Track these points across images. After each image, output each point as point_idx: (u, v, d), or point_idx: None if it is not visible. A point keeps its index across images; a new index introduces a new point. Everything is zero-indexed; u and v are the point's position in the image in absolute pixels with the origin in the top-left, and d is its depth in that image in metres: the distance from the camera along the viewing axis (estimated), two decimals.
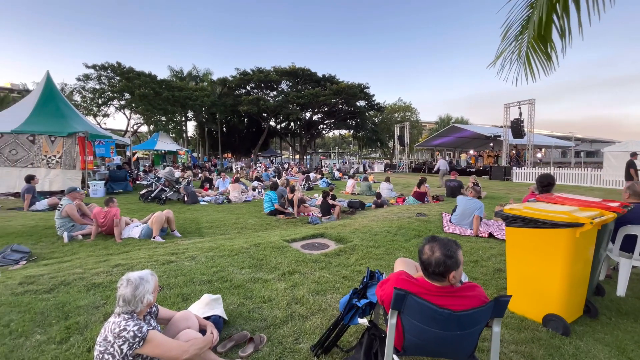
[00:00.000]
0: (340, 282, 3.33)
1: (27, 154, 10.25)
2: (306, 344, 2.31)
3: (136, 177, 14.92)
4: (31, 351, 2.17)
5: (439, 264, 1.54)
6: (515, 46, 2.90)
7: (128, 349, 1.61)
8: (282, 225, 7.08)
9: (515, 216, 2.71)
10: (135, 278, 1.74)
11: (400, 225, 5.73)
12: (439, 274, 1.56)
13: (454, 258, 1.55)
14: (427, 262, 1.57)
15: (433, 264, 1.56)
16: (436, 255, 1.55)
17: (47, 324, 2.49)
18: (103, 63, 27.15)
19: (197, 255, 4.08)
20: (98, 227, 5.36)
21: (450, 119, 53.74)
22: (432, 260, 1.56)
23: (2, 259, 4.27)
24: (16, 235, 5.59)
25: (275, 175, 17.81)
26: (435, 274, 1.56)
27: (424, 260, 1.60)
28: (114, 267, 3.60)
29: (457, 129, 28.61)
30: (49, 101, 11.59)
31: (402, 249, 4.45)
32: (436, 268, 1.55)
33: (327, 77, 34.65)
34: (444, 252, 1.55)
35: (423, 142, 34.53)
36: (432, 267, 1.57)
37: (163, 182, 9.91)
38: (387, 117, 43.37)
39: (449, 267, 1.54)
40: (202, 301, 2.56)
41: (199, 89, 31.89)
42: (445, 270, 1.54)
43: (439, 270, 1.54)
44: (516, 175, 18.08)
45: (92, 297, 2.90)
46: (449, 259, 1.55)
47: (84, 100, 28.47)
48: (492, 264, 3.98)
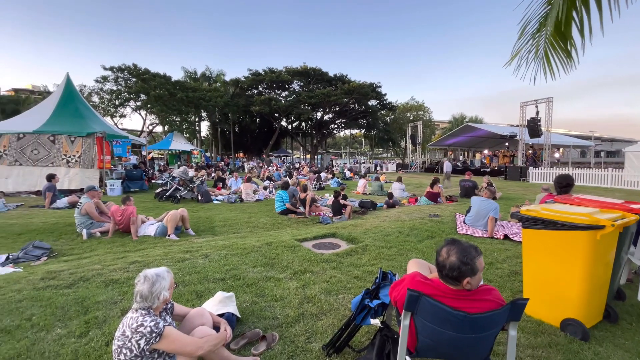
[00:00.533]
0: (351, 282, 3.33)
1: (48, 153, 10.62)
2: (318, 343, 2.32)
3: (152, 176, 15.27)
4: (52, 344, 2.24)
5: (453, 269, 1.51)
6: (532, 44, 2.82)
7: (145, 344, 1.65)
8: (294, 224, 7.11)
9: (532, 217, 2.64)
10: (152, 275, 1.78)
11: (412, 226, 5.67)
12: (453, 278, 1.53)
13: (469, 265, 1.51)
14: (442, 265, 1.55)
15: (447, 267, 1.53)
16: (451, 260, 1.53)
17: (67, 318, 2.58)
18: (120, 65, 27.94)
19: (210, 253, 4.14)
20: (115, 225, 5.52)
21: (464, 118, 52.81)
22: (447, 263, 1.53)
23: (25, 255, 4.44)
24: (38, 232, 5.81)
25: (287, 174, 17.91)
26: (449, 277, 1.54)
27: (439, 262, 1.58)
28: (130, 264, 3.70)
29: (471, 128, 28.09)
30: (69, 102, 11.98)
31: (415, 250, 4.40)
32: (450, 272, 1.52)
33: (338, 76, 34.60)
34: (460, 258, 1.52)
35: (436, 142, 34.07)
36: (446, 270, 1.54)
37: (177, 181, 10.10)
38: (399, 116, 42.95)
39: (463, 273, 1.51)
40: (216, 299, 2.60)
41: (212, 89, 32.39)
42: (459, 275, 1.51)
43: (453, 274, 1.52)
44: (533, 176, 17.62)
45: (110, 292, 2.98)
46: (464, 265, 1.51)
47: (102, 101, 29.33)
48: (507, 266, 3.89)
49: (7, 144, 10.41)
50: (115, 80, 28.78)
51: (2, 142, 10.40)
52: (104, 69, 27.91)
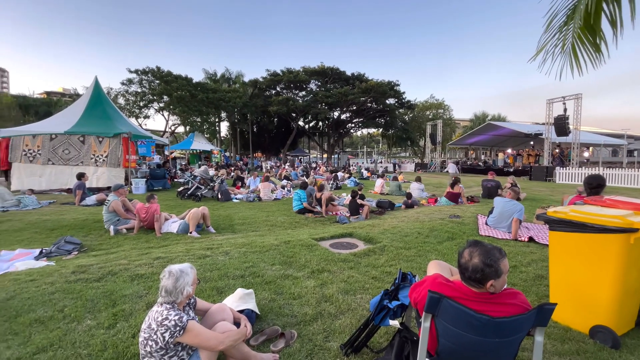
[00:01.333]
0: (369, 282, 3.31)
1: (78, 153, 11.16)
2: (336, 342, 2.32)
3: (174, 175, 15.74)
4: (82, 335, 2.36)
5: (476, 271, 1.48)
6: (559, 38, 2.71)
7: (169, 336, 1.71)
8: (311, 223, 7.14)
9: (560, 219, 2.54)
10: (177, 270, 1.84)
11: (432, 227, 5.57)
12: (476, 281, 1.50)
13: (493, 267, 1.46)
14: (464, 267, 1.51)
15: (470, 269, 1.50)
16: (474, 262, 1.49)
17: (97, 310, 2.71)
18: (144, 68, 28.90)
19: (230, 250, 4.23)
20: (140, 222, 5.73)
21: (486, 116, 51.27)
22: (470, 265, 1.50)
23: (57, 250, 4.69)
24: (69, 227, 6.12)
25: (304, 174, 18.00)
26: (471, 279, 1.50)
27: (461, 264, 1.55)
28: (155, 260, 3.83)
29: (493, 126, 27.20)
30: (97, 104, 12.55)
31: (434, 252, 4.32)
32: (472, 274, 1.49)
33: (356, 75, 34.40)
34: (483, 260, 1.48)
35: (456, 141, 33.23)
36: (469, 272, 1.51)
37: (199, 180, 10.37)
38: (418, 114, 42.21)
39: (487, 275, 1.47)
40: (236, 295, 2.66)
41: (231, 90, 32.99)
42: (483, 278, 1.47)
43: (476, 277, 1.48)
44: (560, 176, 16.86)
45: (136, 286, 3.11)
46: (487, 267, 1.46)
47: (127, 103, 30.48)
48: (532, 269, 3.75)
49: (40, 144, 11.02)
50: (140, 82, 29.84)
51: (36, 142, 11.02)
52: (129, 71, 29.01)
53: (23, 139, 10.98)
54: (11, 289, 3.09)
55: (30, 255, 4.51)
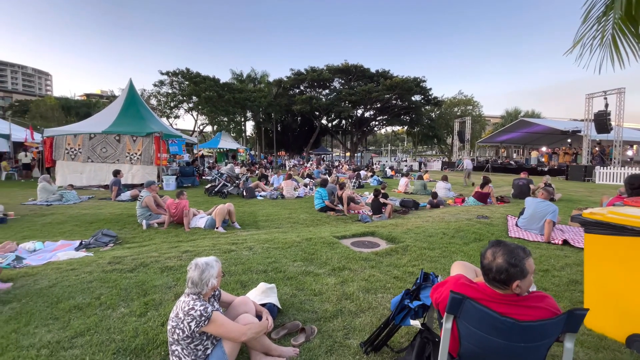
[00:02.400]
0: (391, 282, 3.27)
1: (114, 151, 11.85)
2: (356, 340, 2.33)
3: (202, 172, 16.32)
4: (117, 322, 2.52)
5: (500, 271, 1.42)
6: (597, 29, 2.54)
7: (195, 326, 1.79)
8: (332, 221, 7.15)
9: (597, 222, 2.38)
10: (202, 263, 1.92)
11: (458, 228, 5.40)
12: (500, 282, 1.44)
13: (518, 267, 1.41)
14: (488, 268, 1.46)
15: (493, 270, 1.45)
16: (498, 262, 1.44)
17: (130, 299, 2.87)
18: (175, 69, 30.12)
19: (254, 246, 4.33)
20: (170, 217, 6.00)
21: (518, 112, 48.94)
22: (493, 266, 1.45)
23: (95, 242, 5.01)
24: (106, 221, 6.52)
25: (326, 172, 18.02)
26: (495, 280, 1.45)
27: (484, 265, 1.50)
28: (183, 253, 4.01)
29: (526, 123, 25.87)
30: (132, 105, 13.24)
31: (460, 253, 4.19)
32: (497, 275, 1.44)
33: (380, 72, 33.96)
34: (508, 260, 1.42)
35: (486, 138, 31.96)
36: (493, 273, 1.45)
37: (225, 178, 10.69)
38: (446, 111, 40.98)
39: (512, 276, 1.41)
40: (259, 289, 2.72)
41: (257, 90, 33.67)
42: (508, 278, 1.42)
43: (500, 277, 1.43)
44: (600, 176, 15.75)
45: (166, 278, 3.27)
46: (512, 267, 1.41)
47: (159, 104, 31.91)
48: (566, 274, 3.55)
49: (81, 143, 11.81)
50: (171, 83, 31.17)
51: (77, 141, 11.83)
52: (161, 73, 30.40)
53: (65, 138, 11.82)
54: (53, 277, 3.35)
55: (71, 247, 4.86)
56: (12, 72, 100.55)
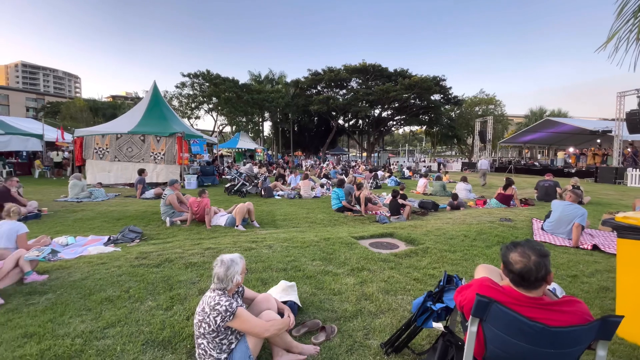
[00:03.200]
0: (411, 284, 3.24)
1: (139, 151, 12.30)
2: (376, 340, 2.32)
3: (222, 172, 16.68)
4: (145, 314, 2.63)
5: (540, 268, 1.40)
6: (633, 24, 2.42)
7: (221, 320, 1.84)
8: (350, 222, 7.14)
9: (631, 226, 2.28)
10: (228, 260, 1.98)
11: (480, 230, 5.27)
12: (529, 282, 1.42)
13: (548, 256, 1.44)
14: (527, 270, 1.41)
15: (534, 269, 1.40)
16: (534, 260, 1.41)
17: (156, 293, 2.99)
18: (196, 71, 30.91)
19: (273, 244, 4.40)
20: (192, 215, 6.18)
21: (543, 111, 47.10)
22: (532, 265, 1.40)
23: (122, 237, 5.23)
24: (132, 218, 6.78)
25: (343, 172, 17.98)
26: (524, 281, 1.42)
27: (509, 267, 1.45)
28: (206, 250, 4.12)
29: (552, 123, 24.84)
30: (156, 107, 13.70)
31: (482, 256, 4.10)
32: (538, 274, 1.40)
33: (398, 71, 33.54)
34: (539, 253, 1.42)
35: (509, 139, 30.91)
36: (534, 273, 1.41)
37: (244, 177, 10.88)
38: (466, 111, 39.98)
39: (548, 268, 1.42)
40: (279, 287, 2.77)
41: (274, 91, 34.03)
42: (546, 273, 1.41)
43: (541, 275, 1.40)
44: (632, 178, 14.91)
45: (190, 274, 3.37)
46: (545, 257, 1.42)
47: (181, 105, 32.82)
48: (596, 280, 3.41)
49: (108, 143, 12.33)
50: (192, 85, 32.00)
51: (104, 141, 12.35)
52: (182, 75, 31.26)
53: (94, 138, 12.37)
54: (85, 270, 3.53)
55: (100, 242, 5.10)
56: (44, 75, 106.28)
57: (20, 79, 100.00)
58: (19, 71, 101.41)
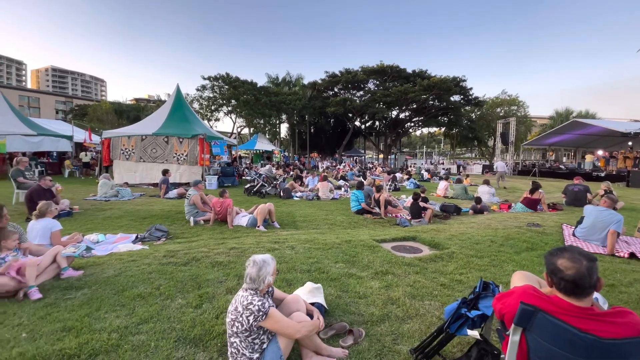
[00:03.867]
0: (438, 289, 3.18)
1: (163, 152, 12.66)
2: (405, 346, 2.29)
3: (242, 173, 16.94)
4: (175, 312, 2.69)
5: (592, 273, 1.35)
6: None
7: (253, 320, 1.87)
8: (370, 224, 7.09)
9: None
10: (260, 260, 2.00)
11: (507, 235, 5.11)
12: (593, 286, 1.36)
13: (597, 261, 1.39)
14: (580, 276, 1.35)
15: (587, 275, 1.35)
16: (586, 264, 1.35)
17: (185, 290, 3.06)
18: (215, 74, 31.55)
19: (296, 245, 4.42)
20: (215, 215, 6.30)
21: (570, 112, 45.27)
22: (585, 271, 1.35)
23: (149, 236, 5.39)
24: (157, 217, 6.98)
25: (360, 174, 17.87)
26: (590, 287, 1.36)
27: (572, 275, 1.37)
28: (230, 250, 4.19)
29: (579, 124, 23.80)
30: (178, 109, 14.07)
31: (511, 262, 3.96)
32: (591, 280, 1.35)
33: (417, 72, 33.06)
34: (589, 258, 1.37)
35: (533, 141, 29.85)
36: (587, 279, 1.35)
37: (263, 178, 11.02)
38: (487, 112, 38.90)
39: (593, 283, 1.36)
40: (306, 288, 2.78)
41: (292, 93, 34.24)
42: (589, 285, 1.35)
43: (594, 281, 1.35)
44: None
45: (216, 272, 3.44)
46: (594, 262, 1.37)
47: (201, 107, 33.58)
48: (635, 290, 3.23)
49: (134, 144, 12.76)
50: (212, 88, 32.68)
51: (130, 142, 12.79)
52: (203, 78, 31.99)
53: (120, 139, 12.84)
54: (117, 267, 3.65)
55: (128, 239, 5.27)
56: (72, 79, 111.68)
57: (50, 82, 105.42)
58: (49, 75, 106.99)
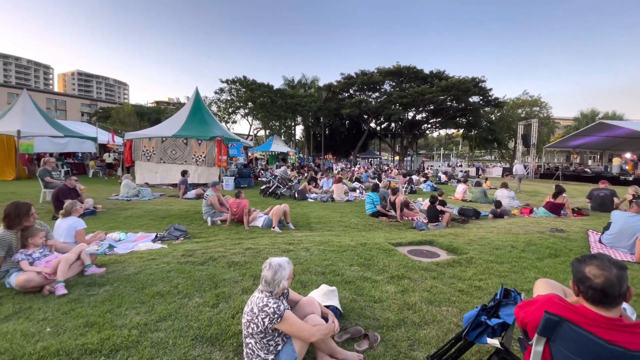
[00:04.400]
0: (456, 295, 3.10)
1: (182, 153, 12.98)
2: (421, 352, 2.25)
3: (258, 174, 17.16)
4: (193, 310, 2.74)
5: (622, 281, 1.29)
6: None
7: (269, 322, 1.87)
8: (385, 227, 7.02)
9: None
10: (276, 264, 2.01)
11: (528, 241, 4.94)
12: (623, 295, 1.30)
13: (627, 269, 1.34)
14: (609, 285, 1.29)
15: (616, 283, 1.29)
16: (615, 272, 1.30)
17: (203, 290, 3.11)
18: (233, 77, 32.13)
19: (310, 247, 4.43)
20: (232, 215, 6.40)
21: (595, 114, 43.40)
22: (614, 279, 1.29)
23: (168, 235, 5.52)
24: (176, 217, 7.15)
25: (375, 176, 17.72)
26: (620, 296, 1.30)
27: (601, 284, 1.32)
28: (246, 250, 4.24)
29: (606, 126, 22.74)
30: (197, 111, 14.40)
31: (534, 269, 3.82)
32: (621, 288, 1.29)
33: (434, 73, 32.53)
34: (618, 265, 1.31)
35: (556, 143, 28.73)
36: (617, 288, 1.30)
37: (278, 180, 11.11)
38: (508, 113, 37.81)
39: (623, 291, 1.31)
40: (321, 290, 2.77)
41: (307, 95, 34.42)
42: (619, 294, 1.30)
43: (623, 290, 1.29)
44: None
45: (233, 272, 3.48)
46: (624, 270, 1.31)
47: (219, 110, 34.25)
48: None
49: (154, 146, 13.14)
50: (229, 91, 33.29)
51: (151, 144, 13.19)
52: (221, 81, 32.64)
53: (142, 141, 13.26)
54: (138, 265, 3.76)
55: (148, 238, 5.42)
56: (97, 82, 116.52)
57: (76, 86, 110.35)
58: (75, 79, 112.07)
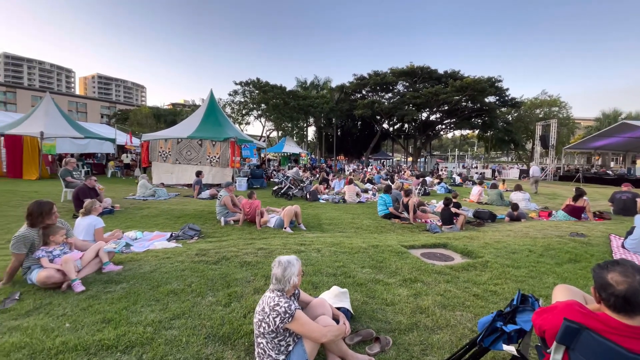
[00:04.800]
0: (470, 299, 3.04)
1: (197, 154, 13.22)
2: (434, 357, 2.21)
3: (270, 175, 17.31)
4: (206, 309, 2.77)
5: (636, 295, 1.24)
6: None
7: (280, 321, 1.88)
8: (397, 229, 6.94)
9: None
10: (285, 261, 2.03)
11: (547, 245, 4.79)
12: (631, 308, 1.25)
13: None
14: (633, 292, 1.24)
15: (623, 296, 1.25)
16: (639, 279, 1.25)
17: (215, 289, 3.15)
18: (247, 79, 32.54)
19: (322, 248, 4.42)
20: (244, 215, 6.47)
21: (618, 114, 41.76)
22: (638, 286, 1.24)
23: (183, 234, 5.63)
24: (190, 216, 7.28)
25: (387, 178, 17.57)
26: (629, 305, 1.25)
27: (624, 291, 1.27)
28: (258, 250, 4.28)
29: (630, 126, 21.79)
30: (212, 113, 14.64)
31: (553, 274, 3.70)
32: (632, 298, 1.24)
33: (449, 73, 32.04)
34: None
35: (576, 144, 27.79)
36: (620, 300, 1.26)
37: (290, 181, 11.17)
38: (525, 113, 36.84)
39: None
40: (332, 292, 2.76)
41: (319, 96, 34.53)
42: None
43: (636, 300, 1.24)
44: None
45: (245, 272, 3.51)
46: None
47: (233, 112, 34.75)
48: None
49: (170, 147, 13.43)
50: (243, 93, 33.75)
51: (167, 145, 13.49)
52: (235, 84, 33.14)
53: (158, 142, 13.57)
54: (153, 264, 3.84)
55: (163, 237, 5.53)
56: (115, 85, 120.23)
57: (96, 89, 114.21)
58: (95, 82, 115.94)
